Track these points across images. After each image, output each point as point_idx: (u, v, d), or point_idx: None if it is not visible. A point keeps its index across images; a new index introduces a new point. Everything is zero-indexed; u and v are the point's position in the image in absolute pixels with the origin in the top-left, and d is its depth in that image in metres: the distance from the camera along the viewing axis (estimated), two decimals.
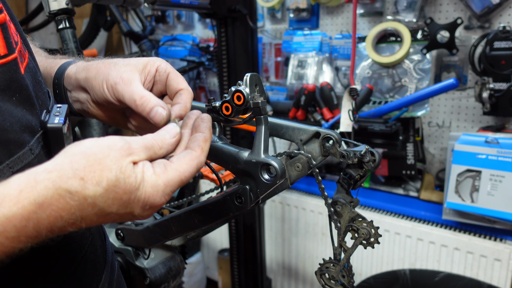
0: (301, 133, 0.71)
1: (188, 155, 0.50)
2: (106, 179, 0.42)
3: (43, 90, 0.56)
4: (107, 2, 1.83)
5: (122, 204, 0.44)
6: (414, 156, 1.73)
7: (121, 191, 0.43)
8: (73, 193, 0.41)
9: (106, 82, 0.56)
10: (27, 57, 0.53)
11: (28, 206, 0.39)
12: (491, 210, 1.43)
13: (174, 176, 0.47)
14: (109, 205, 0.43)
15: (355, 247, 0.70)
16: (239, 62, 1.73)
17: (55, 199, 0.40)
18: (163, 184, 0.46)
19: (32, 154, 0.48)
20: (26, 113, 0.48)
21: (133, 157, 0.45)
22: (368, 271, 1.82)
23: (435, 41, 1.61)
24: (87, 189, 0.41)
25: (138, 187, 0.44)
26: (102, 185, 0.42)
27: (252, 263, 1.97)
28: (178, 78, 0.59)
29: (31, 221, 0.39)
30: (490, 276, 1.50)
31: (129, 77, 0.56)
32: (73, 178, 0.41)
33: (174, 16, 2.63)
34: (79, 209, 0.41)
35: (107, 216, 0.44)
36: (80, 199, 0.41)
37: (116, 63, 0.58)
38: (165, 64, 0.60)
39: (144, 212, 0.46)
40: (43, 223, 0.40)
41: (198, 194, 1.07)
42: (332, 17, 2.02)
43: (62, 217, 0.41)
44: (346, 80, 1.92)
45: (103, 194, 0.42)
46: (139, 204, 0.45)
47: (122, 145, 0.45)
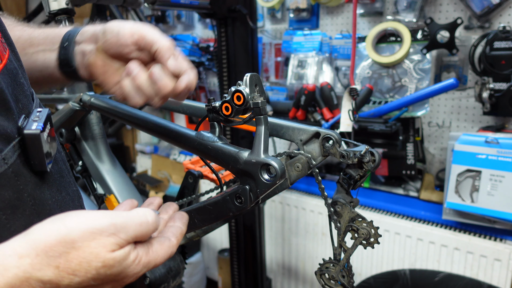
0: (301, 133, 0.71)
1: (167, 243, 0.51)
2: (85, 271, 0.40)
3: (25, 92, 0.53)
4: (107, 2, 1.83)
5: (97, 285, 0.42)
6: (414, 156, 1.73)
7: (100, 280, 0.42)
8: (45, 282, 0.38)
9: (125, 29, 0.61)
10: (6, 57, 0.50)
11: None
12: (491, 210, 1.43)
13: (151, 260, 0.47)
14: (82, 287, 0.41)
15: (355, 247, 0.70)
16: (239, 62, 1.73)
17: (25, 286, 0.38)
18: (141, 267, 0.46)
19: (5, 164, 0.45)
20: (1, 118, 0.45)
21: (119, 243, 0.43)
22: (368, 271, 1.82)
23: (435, 41, 1.61)
24: (62, 278, 0.39)
25: (119, 273, 0.43)
26: (79, 275, 0.40)
27: (252, 263, 1.97)
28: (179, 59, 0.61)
29: None
30: (490, 276, 1.50)
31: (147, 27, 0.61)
32: (47, 267, 0.38)
33: (174, 16, 2.63)
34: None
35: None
36: (52, 286, 0.39)
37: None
38: (151, 35, 0.61)
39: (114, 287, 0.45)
40: None
41: (198, 194, 1.07)
42: (332, 17, 2.02)
43: None
44: (346, 80, 1.92)
45: (79, 282, 0.40)
46: (112, 284, 0.44)
47: (109, 234, 0.42)
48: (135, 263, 0.45)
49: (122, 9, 2.70)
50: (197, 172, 1.08)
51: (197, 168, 1.10)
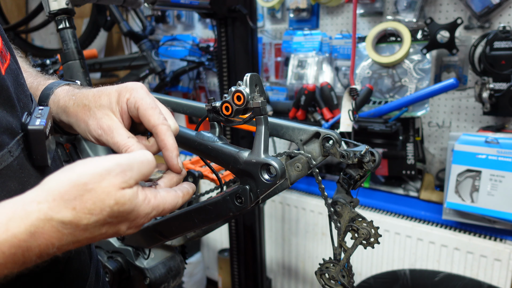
0: (301, 133, 0.71)
1: (173, 192, 0.53)
2: (100, 210, 0.43)
3: (25, 92, 0.55)
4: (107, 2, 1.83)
5: (112, 225, 0.45)
6: (414, 156, 1.73)
7: (114, 218, 0.45)
8: (66, 222, 0.41)
9: (89, 134, 0.57)
10: (8, 58, 0.52)
11: (19, 235, 0.39)
12: (491, 210, 1.43)
13: (160, 204, 0.50)
14: (100, 228, 0.44)
15: (355, 247, 0.70)
16: (239, 62, 1.73)
17: (47, 229, 0.41)
18: (151, 208, 0.49)
19: (11, 156, 0.47)
20: (6, 114, 0.48)
21: (128, 182, 0.45)
22: (368, 271, 1.82)
23: (435, 41, 1.61)
24: (80, 218, 0.42)
25: (131, 211, 0.46)
26: (95, 214, 0.43)
27: (252, 263, 1.97)
28: (147, 113, 0.56)
29: (20, 248, 0.39)
30: (490, 276, 1.50)
31: (108, 125, 0.56)
32: (65, 209, 0.41)
33: (174, 16, 2.63)
34: (72, 236, 0.42)
35: (96, 237, 0.45)
36: (73, 227, 0.42)
37: (89, 107, 0.57)
38: (134, 96, 0.57)
39: (128, 230, 0.48)
40: (33, 250, 0.40)
41: (198, 194, 1.07)
42: (332, 17, 2.02)
43: (53, 244, 0.41)
44: (346, 80, 1.92)
45: (96, 221, 0.43)
46: (127, 223, 0.47)
47: (117, 173, 0.45)
48: (145, 203, 0.47)
49: (122, 9, 2.70)
50: (197, 172, 1.08)
51: (197, 168, 1.10)
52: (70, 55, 1.10)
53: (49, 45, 3.45)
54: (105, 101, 0.57)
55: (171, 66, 2.54)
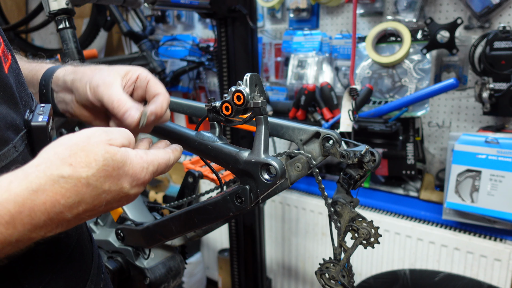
0: (301, 133, 0.71)
1: (163, 150, 0.56)
2: (94, 161, 0.45)
3: (26, 91, 0.57)
4: (107, 2, 1.83)
5: (113, 180, 0.47)
6: (414, 156, 1.73)
7: (111, 168, 0.46)
8: (66, 176, 0.43)
9: (89, 84, 0.60)
10: (10, 58, 0.54)
11: (20, 192, 0.40)
12: (491, 210, 1.43)
13: (154, 159, 0.52)
14: (102, 182, 0.45)
15: (355, 247, 0.70)
16: (239, 62, 1.73)
17: (49, 184, 0.42)
18: (146, 163, 0.51)
19: (16, 152, 0.49)
20: (10, 111, 0.49)
21: (113, 141, 0.48)
22: (368, 271, 1.82)
23: (435, 41, 1.61)
24: (79, 171, 0.44)
25: (125, 162, 0.48)
26: (91, 166, 0.45)
27: (252, 263, 1.96)
28: (157, 84, 0.63)
29: (25, 206, 0.40)
30: (490, 276, 1.50)
31: (110, 81, 0.60)
32: (62, 165, 0.43)
33: (174, 16, 2.63)
34: (75, 192, 0.43)
35: (101, 195, 0.46)
36: (74, 181, 0.43)
37: (101, 68, 0.62)
38: (147, 73, 0.64)
39: (132, 189, 0.49)
40: (39, 209, 0.41)
41: (198, 194, 1.07)
42: (332, 17, 2.03)
43: (58, 201, 0.42)
44: (346, 80, 1.92)
45: (94, 173, 0.45)
46: (127, 179, 0.48)
47: (100, 133, 0.48)
48: (137, 157, 0.50)
49: (122, 9, 2.70)
50: (197, 172, 1.08)
51: (197, 168, 1.10)
52: (70, 55, 1.10)
53: (49, 45, 3.45)
54: (117, 68, 0.63)
55: (171, 66, 2.54)
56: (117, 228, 1.00)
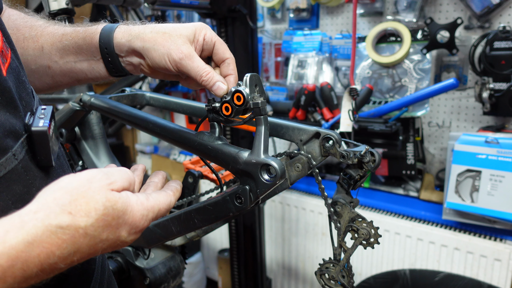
0: (301, 133, 0.71)
1: (164, 193, 0.55)
2: (94, 210, 0.43)
3: (27, 90, 0.55)
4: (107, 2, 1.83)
5: (111, 230, 0.45)
6: (414, 156, 1.73)
7: (110, 218, 0.44)
8: (64, 227, 0.41)
9: (168, 57, 0.62)
10: (9, 56, 0.52)
11: (16, 245, 0.38)
12: (491, 210, 1.43)
13: (154, 205, 0.51)
14: (100, 232, 0.44)
15: (355, 247, 0.70)
16: (239, 62, 1.71)
17: (46, 236, 0.40)
18: (146, 210, 0.49)
19: (15, 160, 0.47)
20: (9, 116, 0.47)
21: (114, 185, 0.46)
22: (368, 271, 1.82)
23: (435, 41, 1.61)
24: (78, 221, 0.42)
25: (125, 211, 0.46)
26: (91, 215, 0.43)
27: (252, 263, 1.97)
28: (223, 46, 0.66)
29: (19, 260, 0.38)
30: (490, 276, 1.50)
31: (189, 52, 0.63)
32: (61, 214, 0.41)
33: (174, 16, 2.63)
34: (72, 243, 0.42)
35: (97, 245, 0.44)
36: (72, 231, 0.41)
37: (170, 34, 0.63)
38: (210, 33, 0.66)
39: (129, 237, 0.48)
40: (32, 261, 0.39)
41: (198, 194, 1.07)
42: (332, 17, 2.02)
43: (53, 253, 0.40)
44: (346, 80, 1.92)
45: (93, 223, 0.43)
46: (126, 228, 0.47)
47: (101, 177, 0.46)
48: (138, 204, 0.48)
49: (122, 9, 2.70)
50: (197, 172, 1.08)
51: (197, 168, 1.10)
52: None
53: None
54: (184, 32, 0.64)
55: None
56: None
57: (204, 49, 0.66)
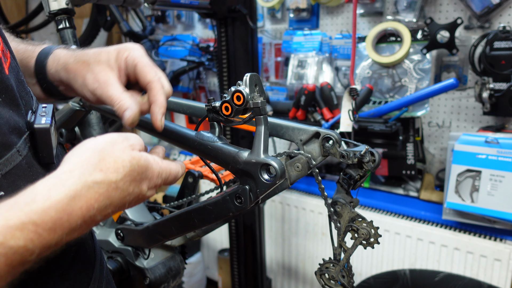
0: (301, 133, 0.71)
1: (174, 163, 0.59)
2: (122, 167, 0.48)
3: (26, 90, 0.56)
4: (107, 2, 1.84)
5: (136, 183, 0.50)
6: (414, 156, 1.73)
7: (136, 173, 0.50)
8: (99, 182, 0.46)
9: (85, 87, 0.60)
10: (9, 56, 0.53)
11: (60, 200, 0.43)
12: (491, 210, 1.42)
13: (167, 167, 0.56)
14: (128, 186, 0.49)
15: (355, 247, 0.70)
16: (239, 62, 1.73)
17: (85, 190, 0.45)
18: (161, 169, 0.55)
19: (20, 156, 0.48)
20: (13, 114, 0.49)
21: (134, 146, 0.52)
22: (368, 271, 1.82)
23: (435, 41, 1.61)
24: (109, 176, 0.47)
25: (147, 167, 0.52)
26: (120, 171, 0.48)
27: (252, 263, 1.96)
28: (145, 68, 0.60)
29: (65, 213, 0.43)
30: (490, 276, 1.50)
31: (105, 79, 0.59)
32: (95, 171, 0.46)
33: (174, 16, 2.63)
34: (106, 196, 0.46)
35: (125, 197, 0.49)
36: (105, 186, 0.46)
37: (89, 62, 0.61)
38: (133, 54, 0.61)
39: (148, 191, 0.53)
40: (76, 214, 0.44)
41: (198, 194, 1.07)
42: (332, 17, 2.02)
43: (93, 206, 0.45)
44: (346, 80, 1.92)
45: (122, 178, 0.48)
46: (147, 182, 0.52)
47: (122, 140, 0.51)
48: (155, 162, 0.54)
49: (122, 9, 2.70)
50: (197, 172, 1.08)
51: (197, 168, 1.10)
52: None
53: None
54: (104, 57, 0.61)
55: (171, 66, 2.54)
56: (117, 228, 1.00)
57: (129, 73, 0.61)
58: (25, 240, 0.39)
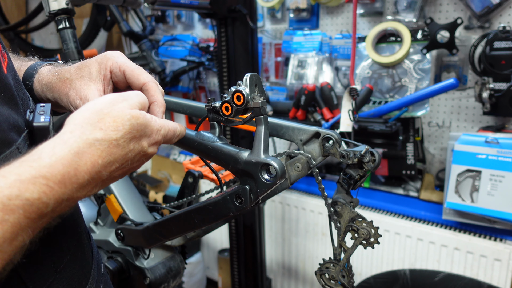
0: (301, 133, 0.71)
1: (171, 121, 0.60)
2: (122, 125, 0.50)
3: (23, 90, 0.57)
4: (107, 2, 1.84)
5: (136, 141, 0.52)
6: (414, 156, 1.73)
7: (135, 131, 0.51)
8: (99, 139, 0.48)
9: (70, 105, 0.61)
10: (6, 57, 0.54)
11: (65, 155, 0.45)
12: (491, 210, 1.43)
13: (165, 124, 0.57)
14: (128, 143, 0.51)
15: (355, 247, 0.70)
16: (239, 62, 1.73)
17: (87, 147, 0.46)
18: (159, 125, 0.56)
19: (19, 153, 0.49)
20: (12, 112, 0.49)
21: (133, 106, 0.53)
22: (368, 271, 1.82)
23: (435, 41, 1.61)
24: (109, 134, 0.48)
25: (146, 125, 0.53)
26: (119, 129, 0.49)
27: (252, 263, 1.96)
28: (135, 72, 0.62)
29: (71, 167, 0.45)
30: (490, 276, 1.50)
31: (85, 94, 0.60)
32: (94, 130, 0.48)
33: (174, 16, 2.63)
34: (109, 153, 0.48)
35: (127, 154, 0.51)
36: (106, 143, 0.48)
37: (71, 79, 0.61)
38: (117, 61, 0.61)
39: (149, 148, 0.55)
40: (82, 169, 0.46)
41: (198, 194, 1.07)
42: (332, 17, 2.02)
43: (97, 162, 0.47)
44: (346, 80, 1.92)
45: (122, 135, 0.50)
46: (146, 139, 0.54)
47: (122, 100, 0.52)
48: (153, 120, 0.55)
49: (122, 9, 2.70)
50: (197, 172, 1.08)
51: (197, 168, 1.10)
52: (70, 55, 1.10)
53: (49, 45, 3.45)
54: (85, 72, 0.61)
55: (171, 66, 2.54)
56: (117, 228, 1.00)
57: (117, 81, 0.62)
58: (39, 192, 0.41)
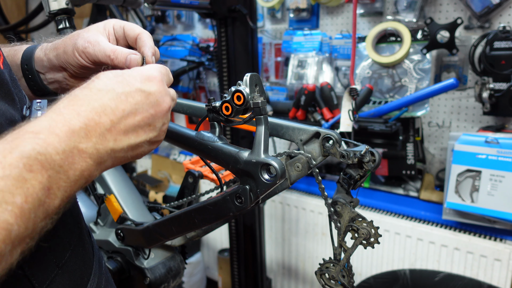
0: (301, 133, 0.71)
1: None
2: (133, 84, 0.52)
3: (18, 87, 0.57)
4: (107, 2, 1.83)
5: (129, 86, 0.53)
6: (414, 156, 1.73)
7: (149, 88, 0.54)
8: (120, 93, 0.50)
9: (76, 50, 0.61)
10: (1, 54, 0.54)
11: (90, 112, 0.46)
12: (491, 210, 1.43)
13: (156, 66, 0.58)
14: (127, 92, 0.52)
15: (355, 247, 0.70)
16: (239, 62, 1.73)
17: (109, 98, 0.49)
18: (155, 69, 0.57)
19: None
20: (9, 107, 0.49)
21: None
22: (368, 271, 1.82)
23: (435, 41, 1.61)
24: (116, 88, 0.51)
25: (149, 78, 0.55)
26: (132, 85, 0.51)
27: (252, 263, 1.96)
28: (132, 26, 0.65)
29: (82, 131, 0.45)
30: (490, 276, 1.50)
31: (95, 39, 0.62)
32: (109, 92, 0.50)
33: (174, 16, 2.63)
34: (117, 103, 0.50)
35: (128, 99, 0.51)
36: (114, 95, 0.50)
37: (78, 33, 0.64)
38: (119, 22, 0.66)
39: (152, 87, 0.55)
40: (103, 125, 0.47)
41: (198, 194, 1.07)
42: (332, 17, 2.02)
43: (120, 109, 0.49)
44: (346, 80, 1.92)
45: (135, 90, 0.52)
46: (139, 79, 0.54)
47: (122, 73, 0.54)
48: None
49: (122, 9, 2.70)
50: (197, 172, 1.08)
51: (197, 168, 1.10)
52: None
53: None
54: (93, 26, 0.65)
55: (171, 66, 2.54)
56: (117, 228, 1.00)
57: (118, 38, 0.66)
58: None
